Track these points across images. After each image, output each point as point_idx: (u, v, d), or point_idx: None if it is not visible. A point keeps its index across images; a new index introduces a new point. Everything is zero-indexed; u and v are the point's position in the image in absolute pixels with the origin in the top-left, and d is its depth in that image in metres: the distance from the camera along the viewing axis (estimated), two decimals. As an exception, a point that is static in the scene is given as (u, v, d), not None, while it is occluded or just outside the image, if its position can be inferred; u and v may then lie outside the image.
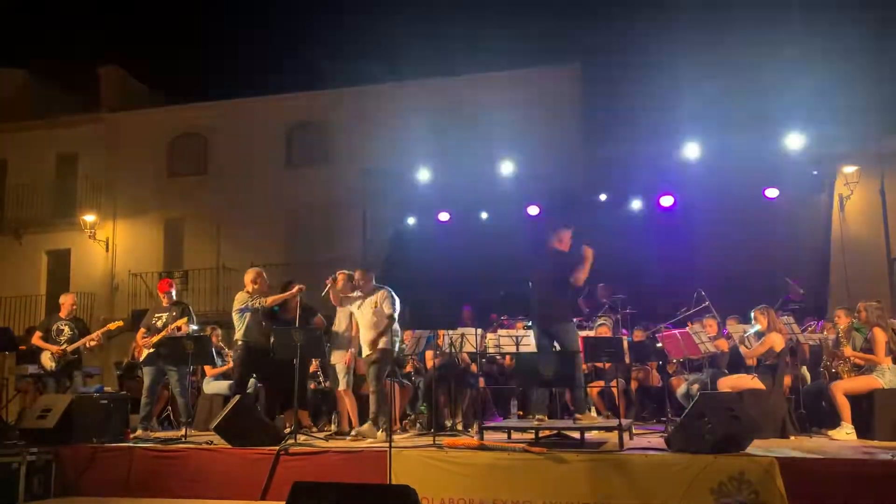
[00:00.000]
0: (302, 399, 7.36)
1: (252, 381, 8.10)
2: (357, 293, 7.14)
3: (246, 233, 17.38)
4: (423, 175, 12.81)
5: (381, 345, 6.87)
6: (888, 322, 6.87)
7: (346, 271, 7.57)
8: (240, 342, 7.50)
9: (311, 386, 8.33)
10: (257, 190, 17.41)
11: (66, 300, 8.56)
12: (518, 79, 16.32)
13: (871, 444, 6.03)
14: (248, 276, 7.66)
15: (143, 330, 7.88)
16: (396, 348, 7.09)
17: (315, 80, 18.25)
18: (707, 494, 5.02)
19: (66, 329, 8.28)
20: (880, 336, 6.64)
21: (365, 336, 6.99)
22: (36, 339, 8.32)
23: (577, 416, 6.59)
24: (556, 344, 6.88)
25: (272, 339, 7.13)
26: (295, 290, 7.44)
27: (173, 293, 8.10)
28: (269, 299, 7.48)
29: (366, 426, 6.69)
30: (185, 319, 7.71)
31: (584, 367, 7.13)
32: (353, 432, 6.86)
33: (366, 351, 7.00)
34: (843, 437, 6.42)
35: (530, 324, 8.35)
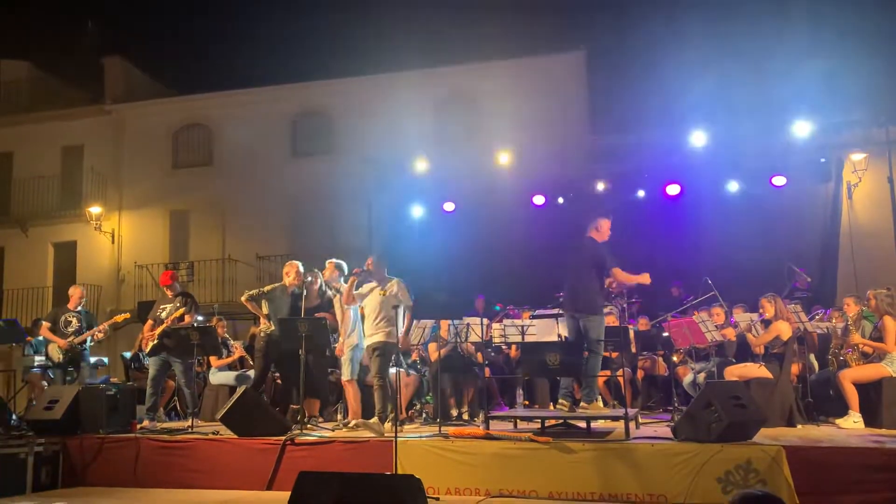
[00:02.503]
0: (315, 389, 7.37)
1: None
2: (371, 282, 7.06)
3: (251, 223, 17.38)
4: (428, 165, 12.77)
5: (383, 337, 6.75)
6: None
7: (334, 260, 7.53)
8: (263, 333, 7.52)
9: (334, 376, 8.23)
10: (262, 181, 17.39)
11: (74, 292, 8.60)
12: (522, 66, 16.22)
13: (878, 433, 6.00)
14: (284, 268, 7.68)
15: (150, 322, 7.91)
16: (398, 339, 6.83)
17: (319, 70, 18.19)
18: (714, 483, 5.01)
19: (74, 321, 8.32)
20: (890, 324, 6.58)
21: (368, 326, 6.89)
22: (44, 329, 8.37)
23: (584, 405, 6.57)
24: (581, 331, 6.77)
25: (282, 329, 7.10)
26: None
27: (176, 285, 8.11)
28: None
29: (373, 421, 6.57)
30: (181, 311, 7.70)
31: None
32: (353, 423, 6.86)
33: (367, 342, 6.95)
34: (851, 426, 6.39)
35: (536, 313, 8.33)
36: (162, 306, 7.93)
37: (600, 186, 12.30)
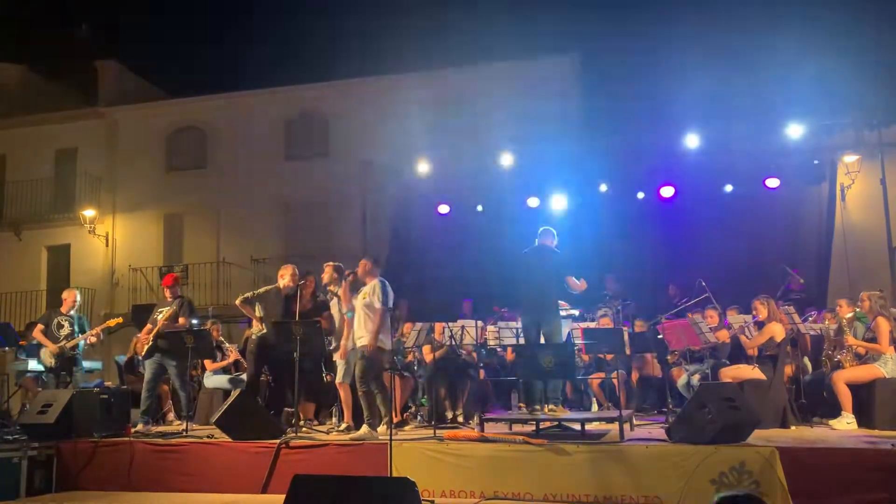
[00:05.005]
0: (309, 392, 7.36)
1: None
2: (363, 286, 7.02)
3: (245, 226, 17.36)
4: (423, 167, 12.77)
5: (367, 341, 6.53)
6: (890, 311, 6.84)
7: (333, 263, 7.53)
8: (255, 335, 7.51)
9: (327, 378, 8.18)
10: (256, 183, 17.38)
11: (68, 296, 8.56)
12: (516, 69, 16.24)
13: (871, 434, 6.02)
14: (279, 271, 7.67)
15: (148, 326, 7.90)
16: (389, 343, 6.71)
17: (313, 73, 18.20)
18: (707, 485, 5.02)
19: (67, 325, 8.29)
20: (884, 325, 6.61)
21: (356, 331, 6.75)
22: (37, 332, 8.33)
23: (552, 406, 6.66)
24: (542, 336, 6.96)
25: (275, 332, 7.08)
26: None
27: (177, 288, 8.09)
28: None
29: (363, 430, 6.41)
30: (171, 310, 7.70)
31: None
32: (343, 426, 6.85)
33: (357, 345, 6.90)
34: (844, 427, 6.41)
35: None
36: (159, 309, 7.92)
37: (595, 189, 12.33)
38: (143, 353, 7.83)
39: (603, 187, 12.35)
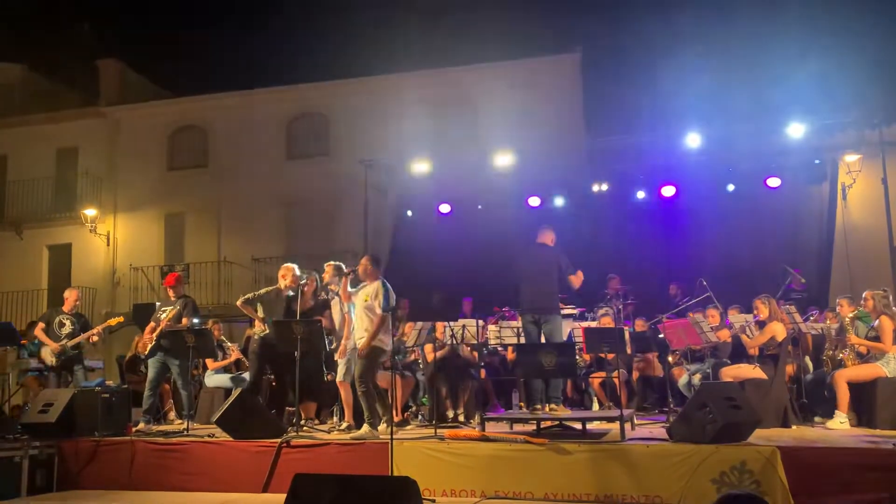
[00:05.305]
0: (312, 391, 7.37)
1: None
2: (364, 284, 7.02)
3: (246, 226, 17.36)
4: (423, 167, 12.78)
5: (366, 341, 6.54)
6: (894, 311, 6.83)
7: (334, 262, 7.53)
8: (257, 335, 7.52)
9: (328, 377, 8.16)
10: (258, 183, 17.38)
11: (70, 295, 8.58)
12: (518, 68, 16.24)
13: (873, 433, 6.01)
14: (279, 271, 7.66)
15: (151, 324, 7.92)
16: (389, 344, 6.70)
17: (315, 72, 18.19)
18: (708, 484, 5.02)
19: (68, 323, 8.30)
20: (887, 324, 6.60)
21: (356, 331, 6.76)
22: (38, 330, 8.35)
23: (554, 406, 6.67)
24: (542, 335, 6.97)
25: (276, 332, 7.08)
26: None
27: (180, 288, 8.11)
28: None
29: (364, 429, 6.41)
30: (174, 310, 7.74)
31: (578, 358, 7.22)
32: (344, 425, 6.85)
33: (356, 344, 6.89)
34: (838, 427, 6.39)
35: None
36: (163, 309, 7.95)
37: (596, 188, 12.34)
38: (146, 352, 7.86)
39: (603, 187, 12.36)
